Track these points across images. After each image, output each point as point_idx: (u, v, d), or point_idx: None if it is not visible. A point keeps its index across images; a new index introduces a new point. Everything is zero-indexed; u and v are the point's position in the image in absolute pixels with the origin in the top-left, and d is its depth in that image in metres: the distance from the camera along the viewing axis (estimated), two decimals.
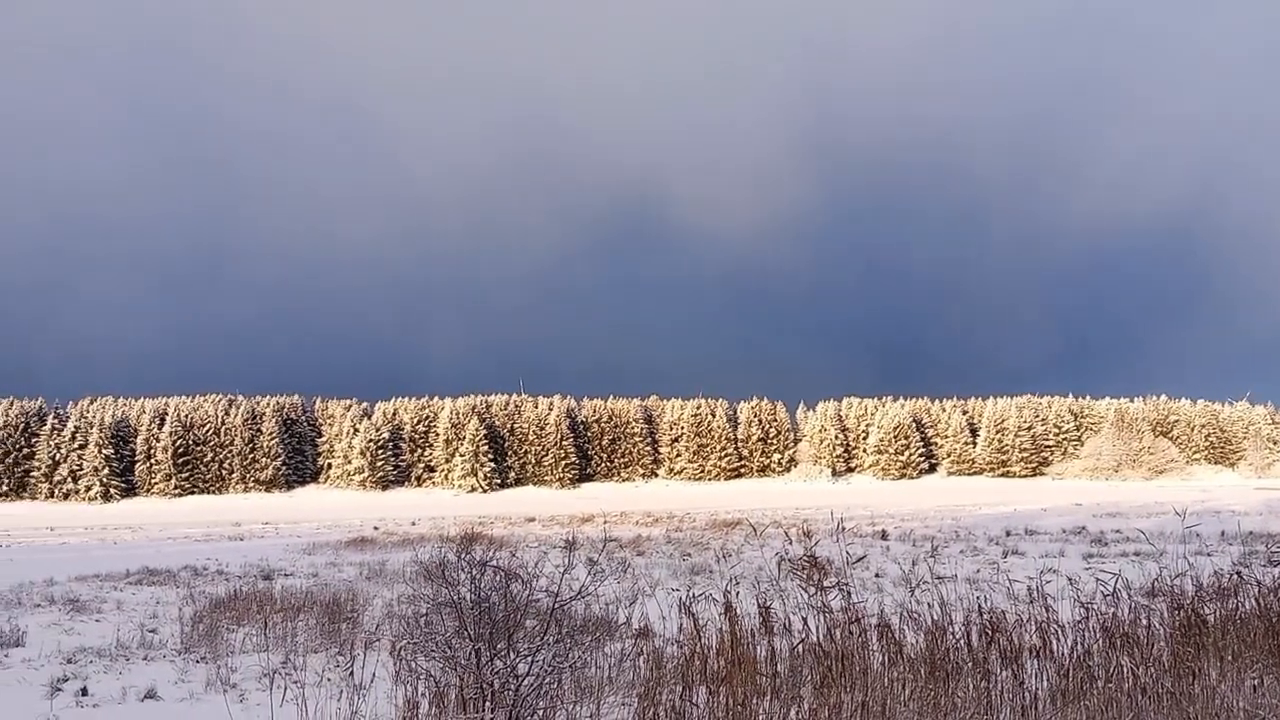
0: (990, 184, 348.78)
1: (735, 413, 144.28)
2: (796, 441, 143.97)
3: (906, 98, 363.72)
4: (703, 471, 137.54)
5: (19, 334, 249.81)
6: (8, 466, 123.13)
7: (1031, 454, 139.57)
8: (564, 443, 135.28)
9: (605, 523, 47.51)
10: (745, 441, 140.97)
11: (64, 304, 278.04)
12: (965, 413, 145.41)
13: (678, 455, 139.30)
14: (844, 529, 13.94)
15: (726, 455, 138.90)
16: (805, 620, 9.26)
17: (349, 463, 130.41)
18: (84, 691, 11.43)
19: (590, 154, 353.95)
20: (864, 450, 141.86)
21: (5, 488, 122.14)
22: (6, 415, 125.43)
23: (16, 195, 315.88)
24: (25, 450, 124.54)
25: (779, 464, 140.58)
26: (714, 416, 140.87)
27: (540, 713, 7.77)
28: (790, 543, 10.62)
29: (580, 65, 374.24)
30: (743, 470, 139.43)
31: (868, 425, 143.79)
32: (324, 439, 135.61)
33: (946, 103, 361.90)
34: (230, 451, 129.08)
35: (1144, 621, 9.54)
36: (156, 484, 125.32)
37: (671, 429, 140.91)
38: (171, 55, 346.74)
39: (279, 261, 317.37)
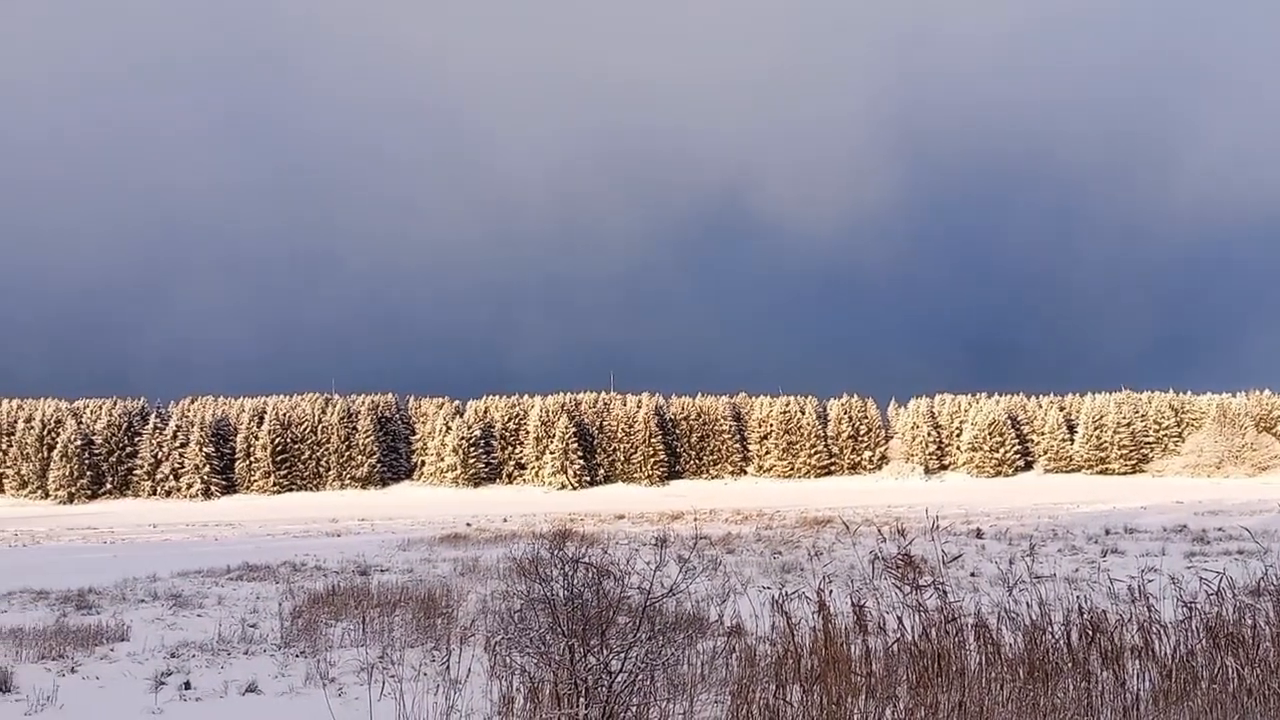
0: (1085, 171, 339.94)
1: (825, 410, 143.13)
2: (888, 439, 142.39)
3: (998, 84, 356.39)
4: (792, 469, 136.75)
5: (118, 336, 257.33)
6: (111, 465, 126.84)
7: (1130, 451, 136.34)
8: (652, 440, 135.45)
9: (695, 520, 47.50)
10: (835, 439, 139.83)
11: (161, 307, 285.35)
12: (1062, 409, 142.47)
13: (767, 453, 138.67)
14: (939, 527, 13.78)
15: (816, 452, 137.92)
16: (900, 619, 9.18)
17: (441, 460, 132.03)
18: (187, 685, 11.71)
19: (677, 152, 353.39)
20: (957, 447, 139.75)
21: (109, 485, 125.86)
22: (110, 415, 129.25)
23: (117, 203, 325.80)
24: (129, 449, 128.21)
25: (870, 461, 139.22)
26: (803, 413, 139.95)
27: (634, 709, 7.79)
28: (884, 540, 10.51)
29: (666, 64, 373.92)
30: (833, 468, 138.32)
31: (961, 422, 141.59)
32: (417, 437, 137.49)
33: (1039, 89, 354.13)
34: (327, 449, 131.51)
35: (1249, 621, 9.28)
36: (255, 481, 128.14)
37: (760, 426, 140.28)
38: (265, 70, 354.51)
39: (371, 265, 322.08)
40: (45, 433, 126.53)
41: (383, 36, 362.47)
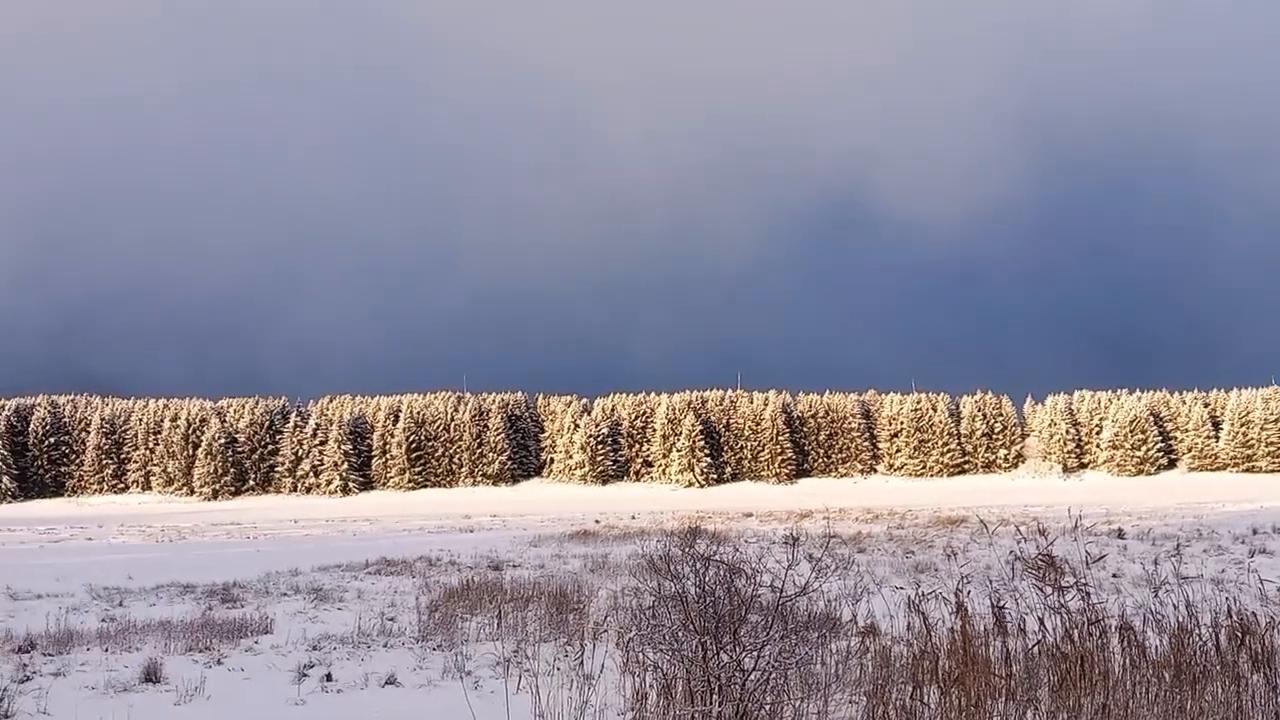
0: (1224, 156, 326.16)
1: (958, 407, 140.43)
2: (1024, 436, 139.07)
3: (1132, 68, 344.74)
4: (924, 467, 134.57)
5: (255, 338, 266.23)
6: (254, 462, 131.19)
7: (1279, 448, 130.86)
8: (780, 438, 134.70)
9: (825, 519, 47.08)
10: (969, 436, 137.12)
11: (295, 310, 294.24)
12: (1206, 405, 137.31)
13: (897, 451, 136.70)
14: (1080, 527, 13.42)
15: (949, 451, 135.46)
16: (1041, 621, 8.95)
17: (570, 458, 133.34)
18: (328, 677, 12.00)
19: (796, 145, 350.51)
20: (1097, 445, 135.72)
21: (252, 482, 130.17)
22: (252, 414, 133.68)
23: (251, 211, 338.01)
24: (270, 447, 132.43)
25: (1005, 460, 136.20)
26: (935, 411, 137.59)
27: (767, 708, 7.75)
28: (1022, 540, 10.28)
29: (783, 56, 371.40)
30: (966, 466, 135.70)
31: (1100, 419, 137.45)
32: (546, 434, 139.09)
33: (1175, 71, 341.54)
34: (459, 447, 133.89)
35: None
36: (391, 478, 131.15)
37: (890, 424, 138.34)
38: (389, 83, 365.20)
39: (491, 268, 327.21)
40: (190, 431, 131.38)
41: (499, 46, 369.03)
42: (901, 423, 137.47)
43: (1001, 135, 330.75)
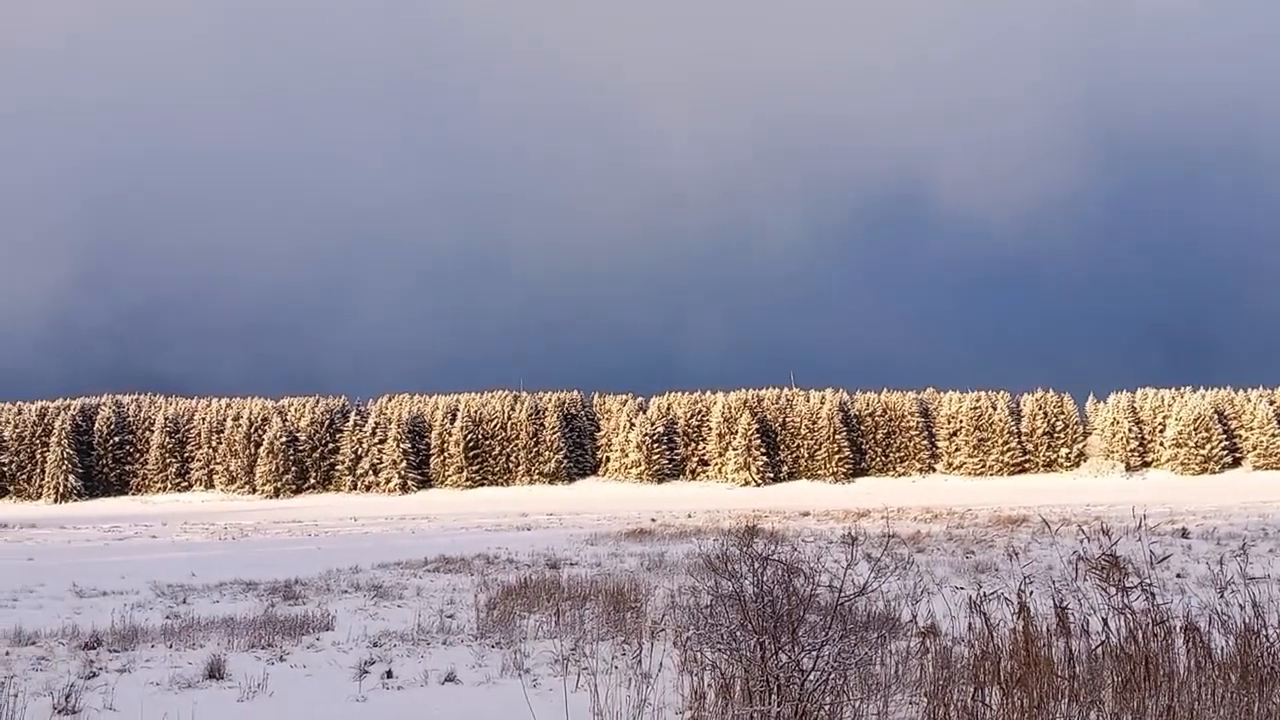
0: None
1: (1018, 405, 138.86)
2: (1086, 435, 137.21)
3: (1194, 62, 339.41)
4: (983, 466, 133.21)
5: (313, 338, 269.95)
6: (314, 461, 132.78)
7: None
8: (836, 436, 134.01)
9: (883, 518, 46.75)
10: (1029, 435, 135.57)
11: (351, 311, 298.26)
12: (1272, 403, 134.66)
13: (956, 449, 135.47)
14: (1144, 526, 13.22)
15: (1009, 449, 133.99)
16: (1105, 621, 8.83)
17: (625, 456, 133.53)
18: (389, 674, 12.10)
19: (847, 141, 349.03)
20: (1160, 444, 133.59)
21: (312, 480, 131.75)
22: (313, 413, 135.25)
23: (309, 218, 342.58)
24: (330, 445, 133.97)
25: (1066, 459, 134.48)
26: (995, 409, 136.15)
27: (826, 708, 7.71)
28: (1085, 540, 10.15)
29: (834, 51, 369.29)
30: (1027, 465, 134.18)
31: (1164, 417, 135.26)
32: (601, 433, 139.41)
33: (1237, 65, 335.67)
34: (515, 445, 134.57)
35: None
36: (449, 476, 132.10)
37: (949, 422, 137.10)
38: (442, 90, 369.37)
39: (544, 269, 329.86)
40: (252, 430, 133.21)
41: (548, 50, 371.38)
42: (961, 421, 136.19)
43: (1060, 129, 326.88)
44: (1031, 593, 9.15)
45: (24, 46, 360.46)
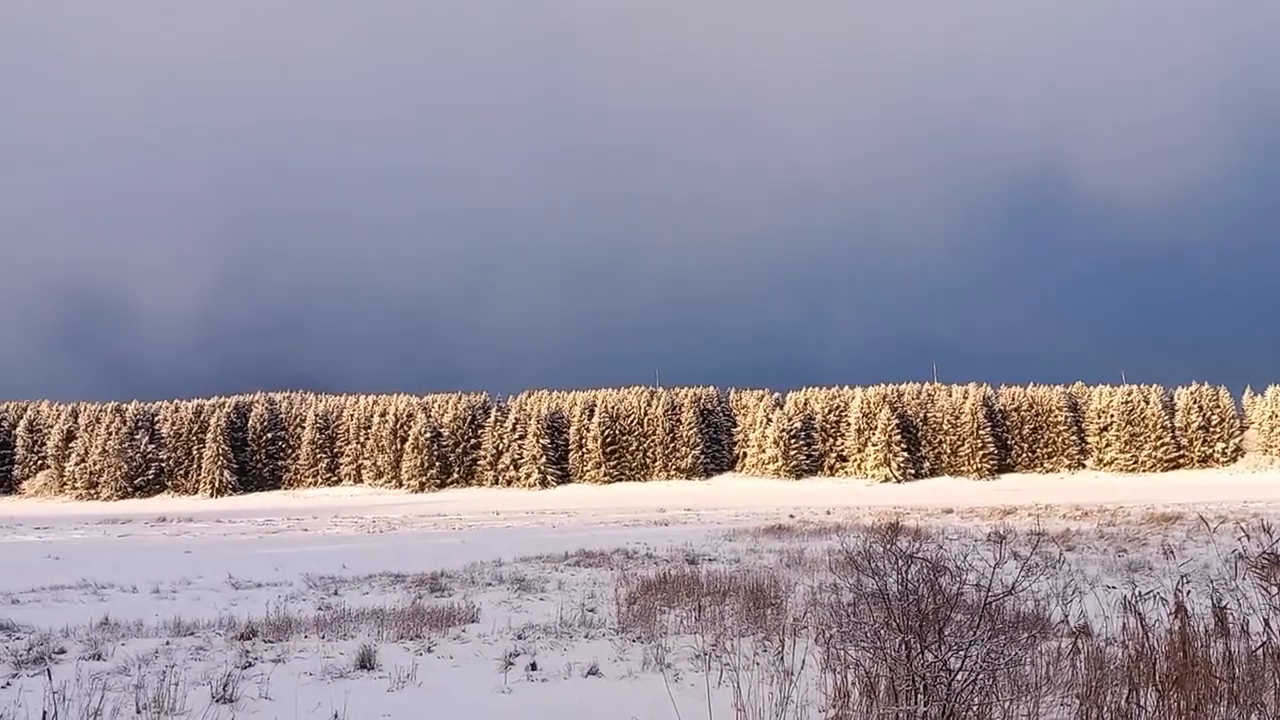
0: None
1: (1171, 399, 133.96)
2: (1243, 429, 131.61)
3: None
4: (1135, 462, 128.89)
5: (450, 338, 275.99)
6: (457, 456, 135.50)
7: None
8: (980, 432, 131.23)
9: (1030, 515, 45.61)
10: (1183, 430, 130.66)
11: (488, 311, 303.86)
12: None
13: (1106, 445, 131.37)
14: None
15: (1162, 445, 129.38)
16: (1266, 622, 8.47)
17: (762, 452, 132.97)
18: (533, 666, 12.24)
19: (984, 126, 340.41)
20: None
21: (455, 474, 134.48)
22: (456, 409, 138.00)
23: (445, 223, 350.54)
24: (472, 440, 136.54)
25: (1222, 454, 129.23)
26: (1146, 403, 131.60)
27: (975, 709, 7.55)
28: (1244, 537, 9.74)
29: (966, 31, 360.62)
30: (1181, 461, 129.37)
31: None
32: (738, 429, 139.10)
33: None
34: (652, 441, 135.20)
35: None
36: (587, 471, 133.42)
37: (1099, 417, 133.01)
38: (571, 97, 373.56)
39: (676, 265, 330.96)
40: (398, 426, 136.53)
41: (674, 49, 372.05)
42: (1111, 416, 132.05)
43: (1210, 109, 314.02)
44: (1188, 592, 8.84)
45: (176, 68, 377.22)
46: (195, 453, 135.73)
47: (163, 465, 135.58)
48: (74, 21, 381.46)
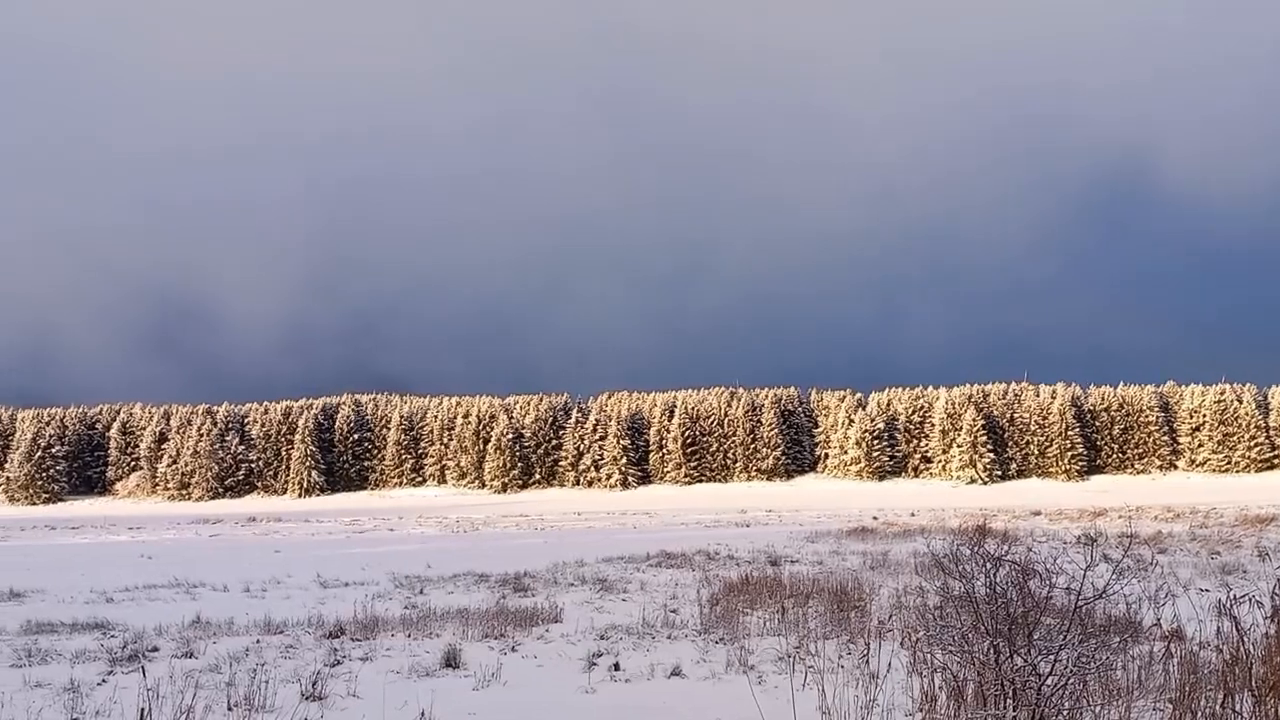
0: None
1: (1266, 398, 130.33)
2: None
3: None
4: (1229, 463, 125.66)
5: (529, 340, 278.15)
6: (539, 457, 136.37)
7: None
8: (1069, 433, 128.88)
9: (1120, 517, 44.72)
10: (1278, 430, 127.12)
11: (566, 313, 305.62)
12: None
13: (1199, 445, 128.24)
14: None
15: (1257, 445, 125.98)
16: None
17: (845, 453, 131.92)
18: (616, 667, 12.28)
19: (1066, 114, 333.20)
20: None
21: (537, 475, 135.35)
22: (537, 410, 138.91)
23: (522, 228, 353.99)
24: (554, 441, 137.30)
25: None
26: (1240, 403, 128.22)
27: (1065, 713, 7.45)
28: None
29: (1046, 17, 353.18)
30: (1276, 461, 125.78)
31: None
32: (819, 430, 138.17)
33: None
34: (733, 442, 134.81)
35: None
36: (668, 472, 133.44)
37: (1191, 417, 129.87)
38: (645, 99, 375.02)
39: (752, 264, 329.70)
40: (480, 427, 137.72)
41: (747, 45, 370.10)
42: (1204, 415, 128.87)
43: None
44: None
45: (262, 79, 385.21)
46: (284, 453, 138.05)
47: (252, 466, 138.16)
48: (165, 36, 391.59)
